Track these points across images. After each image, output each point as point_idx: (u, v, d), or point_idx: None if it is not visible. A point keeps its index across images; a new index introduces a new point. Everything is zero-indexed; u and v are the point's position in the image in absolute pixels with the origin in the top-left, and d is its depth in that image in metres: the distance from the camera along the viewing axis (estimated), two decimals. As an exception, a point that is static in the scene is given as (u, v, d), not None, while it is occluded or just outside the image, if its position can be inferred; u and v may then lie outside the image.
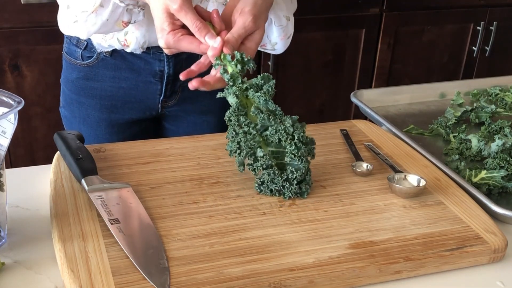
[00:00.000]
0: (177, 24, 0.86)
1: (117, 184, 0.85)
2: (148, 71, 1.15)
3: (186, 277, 0.68)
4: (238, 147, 0.84)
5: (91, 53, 1.14)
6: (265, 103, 0.85)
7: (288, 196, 0.84)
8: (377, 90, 1.40)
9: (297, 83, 2.30)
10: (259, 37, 0.90)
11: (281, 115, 0.85)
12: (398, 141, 1.04)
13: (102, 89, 1.17)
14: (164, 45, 0.87)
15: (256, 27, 0.89)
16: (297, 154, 0.84)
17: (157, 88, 1.17)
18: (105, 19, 0.97)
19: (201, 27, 0.84)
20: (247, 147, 0.84)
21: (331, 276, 0.70)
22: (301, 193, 0.85)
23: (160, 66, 1.14)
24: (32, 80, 1.98)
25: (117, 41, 1.09)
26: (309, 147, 0.86)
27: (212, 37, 0.85)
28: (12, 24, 1.89)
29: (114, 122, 1.20)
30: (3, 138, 0.73)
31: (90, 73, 1.16)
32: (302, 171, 0.84)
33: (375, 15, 2.29)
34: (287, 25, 1.05)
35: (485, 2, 2.41)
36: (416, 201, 0.86)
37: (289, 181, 0.84)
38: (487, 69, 2.53)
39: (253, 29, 0.89)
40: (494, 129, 1.12)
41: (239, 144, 0.84)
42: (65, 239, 0.73)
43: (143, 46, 1.10)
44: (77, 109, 1.20)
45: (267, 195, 0.85)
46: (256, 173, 0.85)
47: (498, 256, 0.77)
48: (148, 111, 1.20)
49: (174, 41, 0.86)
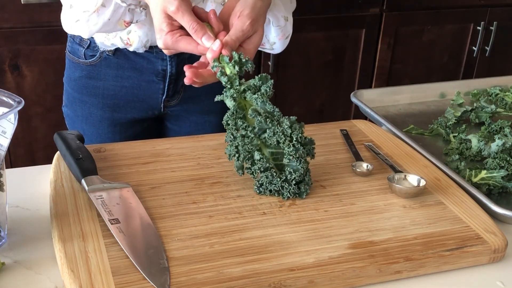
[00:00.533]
0: (175, 25, 0.86)
1: (117, 184, 0.85)
2: (151, 70, 1.15)
3: (186, 277, 0.68)
4: (236, 151, 0.84)
5: (94, 52, 1.15)
6: (263, 104, 0.85)
7: (286, 196, 0.84)
8: (377, 90, 1.40)
9: (297, 83, 2.30)
10: (257, 39, 0.90)
11: (279, 116, 0.85)
12: (398, 141, 1.04)
13: (105, 88, 1.17)
14: (162, 45, 0.87)
15: (254, 30, 0.89)
16: (295, 156, 0.84)
17: (159, 88, 1.17)
18: (106, 19, 0.97)
19: (198, 28, 0.84)
20: (245, 150, 0.84)
21: (331, 276, 0.70)
22: (299, 193, 0.85)
23: (162, 66, 1.14)
24: (32, 80, 1.98)
25: (120, 40, 1.10)
26: (308, 147, 0.86)
27: (209, 38, 0.85)
28: (12, 24, 1.89)
29: (116, 121, 1.20)
30: (3, 138, 0.73)
31: (93, 72, 1.16)
32: (301, 171, 0.84)
33: (375, 15, 2.29)
34: (285, 26, 1.05)
35: (485, 2, 2.41)
36: (416, 201, 0.86)
37: (288, 182, 0.84)
38: (487, 69, 2.53)
39: (251, 32, 0.89)
40: (494, 129, 1.12)
41: (237, 148, 0.84)
42: (65, 239, 0.73)
43: (146, 45, 1.10)
44: (80, 108, 1.20)
45: (267, 195, 0.86)
46: (255, 176, 0.85)
47: (498, 256, 0.77)
48: (150, 110, 1.20)
49: (172, 42, 0.86)
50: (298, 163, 0.84)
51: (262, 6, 0.90)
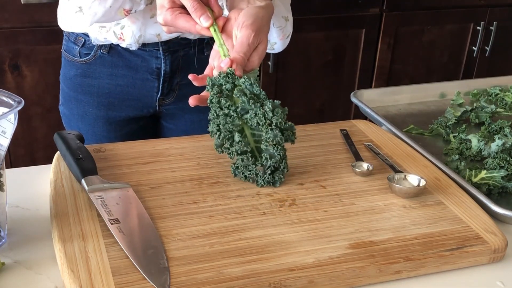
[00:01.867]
0: (177, 3, 0.88)
1: (117, 184, 0.85)
2: (145, 69, 1.15)
3: (186, 277, 0.68)
4: (218, 129, 0.85)
5: (89, 50, 1.15)
6: (250, 87, 0.85)
7: (260, 184, 0.86)
8: (377, 90, 1.40)
9: (297, 83, 2.30)
10: (262, 49, 0.90)
11: (264, 99, 0.86)
12: (398, 141, 1.04)
13: (99, 86, 1.17)
14: (162, 21, 0.89)
15: (259, 41, 0.89)
16: (272, 142, 0.84)
17: (154, 86, 1.17)
18: (108, 6, 0.99)
19: (198, 7, 0.86)
20: (226, 130, 0.85)
21: (331, 276, 0.70)
22: (273, 182, 0.85)
23: (157, 64, 1.15)
24: (32, 80, 1.98)
25: (113, 34, 1.10)
26: (287, 133, 0.86)
27: (207, 18, 0.87)
28: (12, 24, 1.89)
29: (111, 119, 1.20)
30: (3, 138, 0.73)
31: (88, 70, 1.17)
32: (277, 158, 0.85)
33: (375, 15, 2.29)
34: (286, 26, 1.05)
35: (485, 2, 2.41)
36: (416, 201, 0.86)
37: (263, 168, 0.85)
38: (487, 69, 2.53)
39: (256, 44, 0.89)
40: (494, 129, 1.12)
41: (219, 126, 0.85)
42: (65, 239, 0.73)
43: (139, 41, 1.10)
44: (75, 106, 1.20)
45: (243, 180, 0.87)
46: (231, 157, 0.86)
47: (498, 256, 0.77)
48: (145, 108, 1.20)
49: (171, 18, 0.88)
50: (276, 150, 0.84)
51: (264, 15, 0.90)
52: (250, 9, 0.90)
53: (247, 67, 0.88)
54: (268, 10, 0.92)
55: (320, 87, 2.35)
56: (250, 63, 0.89)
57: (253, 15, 0.88)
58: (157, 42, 1.12)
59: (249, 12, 0.89)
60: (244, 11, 0.89)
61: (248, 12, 0.89)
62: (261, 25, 0.89)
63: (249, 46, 0.87)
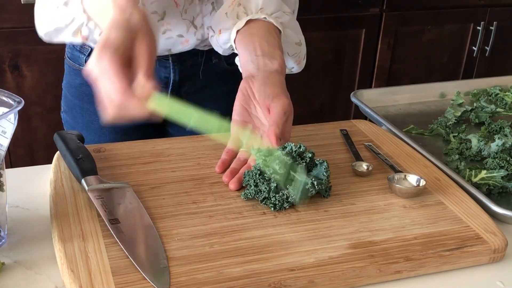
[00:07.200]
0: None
1: (117, 184, 0.85)
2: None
3: (186, 277, 0.68)
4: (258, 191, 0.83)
5: None
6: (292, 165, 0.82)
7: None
8: (377, 90, 1.40)
9: (297, 83, 2.30)
10: (290, 120, 0.87)
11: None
12: (398, 141, 1.04)
13: None
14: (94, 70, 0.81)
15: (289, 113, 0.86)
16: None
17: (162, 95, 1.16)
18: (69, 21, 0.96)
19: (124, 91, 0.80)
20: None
21: (331, 276, 0.70)
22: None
23: (165, 73, 1.14)
24: (32, 80, 1.98)
25: None
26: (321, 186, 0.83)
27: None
28: (12, 24, 1.89)
29: (118, 128, 1.19)
30: (3, 138, 0.73)
31: None
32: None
33: (375, 15, 2.29)
34: (300, 51, 1.05)
35: (485, 2, 2.41)
36: (416, 201, 0.86)
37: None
38: (487, 69, 2.53)
39: (288, 112, 0.86)
40: (494, 129, 1.12)
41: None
42: (65, 239, 0.73)
43: None
44: (80, 115, 1.19)
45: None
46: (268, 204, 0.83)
47: (498, 256, 0.77)
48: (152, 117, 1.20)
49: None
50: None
51: (279, 77, 0.89)
52: (265, 79, 0.87)
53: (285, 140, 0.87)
54: (281, 70, 0.90)
55: (320, 87, 2.35)
56: (284, 133, 0.86)
57: (267, 84, 0.86)
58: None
59: (266, 82, 0.87)
60: (260, 83, 0.88)
61: (264, 84, 0.87)
62: (282, 90, 0.87)
63: (282, 116, 0.84)
